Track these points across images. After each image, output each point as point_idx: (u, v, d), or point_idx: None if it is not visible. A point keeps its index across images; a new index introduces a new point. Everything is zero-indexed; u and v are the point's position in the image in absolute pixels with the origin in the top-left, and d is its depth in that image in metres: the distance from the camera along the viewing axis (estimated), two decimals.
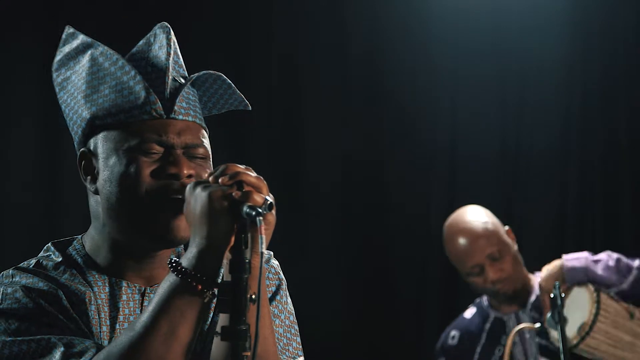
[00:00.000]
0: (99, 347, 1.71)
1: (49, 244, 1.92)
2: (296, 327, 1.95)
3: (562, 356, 3.22)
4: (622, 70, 4.78)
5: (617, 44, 4.79)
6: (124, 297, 1.85)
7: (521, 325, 3.63)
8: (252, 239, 1.62)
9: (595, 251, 4.68)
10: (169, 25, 1.92)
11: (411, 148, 4.95)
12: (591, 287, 3.49)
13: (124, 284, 1.86)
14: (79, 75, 1.89)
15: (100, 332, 1.81)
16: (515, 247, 3.80)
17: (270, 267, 1.95)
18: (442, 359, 3.88)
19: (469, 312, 3.93)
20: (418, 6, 4.91)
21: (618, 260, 3.54)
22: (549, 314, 3.38)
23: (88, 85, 1.87)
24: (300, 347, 1.94)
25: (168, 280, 1.67)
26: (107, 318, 1.83)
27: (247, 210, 1.59)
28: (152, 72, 1.86)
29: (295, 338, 1.94)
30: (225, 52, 4.77)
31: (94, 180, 1.89)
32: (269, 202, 1.63)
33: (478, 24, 4.88)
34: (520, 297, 3.78)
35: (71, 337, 1.72)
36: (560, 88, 4.85)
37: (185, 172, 1.80)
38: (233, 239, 1.63)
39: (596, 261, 3.54)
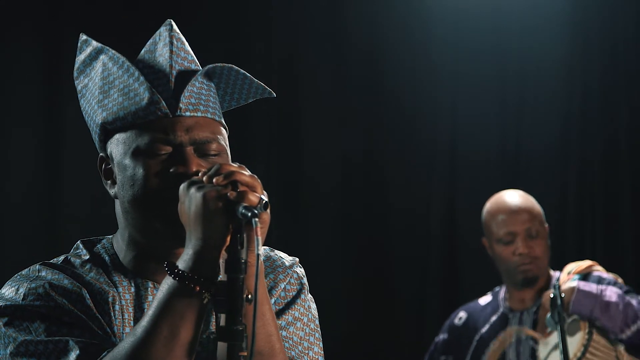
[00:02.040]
0: None
1: (78, 242, 1.91)
2: (319, 334, 1.92)
3: (562, 356, 3.22)
4: (622, 70, 4.78)
5: (617, 44, 4.79)
6: (150, 298, 1.84)
7: (525, 330, 3.63)
8: (248, 239, 1.61)
9: (595, 251, 4.69)
10: (171, 22, 1.91)
11: (411, 148, 4.95)
12: (586, 327, 3.50)
13: (150, 284, 1.85)
14: (94, 81, 1.89)
15: (122, 333, 1.80)
16: (549, 241, 3.82)
17: (293, 273, 1.93)
18: (445, 335, 3.89)
19: (484, 299, 3.92)
20: (418, 6, 4.91)
21: (627, 306, 3.52)
22: (548, 315, 3.38)
23: (100, 91, 1.86)
24: (322, 353, 1.91)
25: (166, 283, 1.66)
26: (131, 319, 1.82)
27: (243, 211, 1.58)
28: (159, 71, 1.84)
29: (317, 343, 1.91)
30: (224, 52, 4.77)
31: (114, 184, 1.86)
32: (264, 202, 1.61)
33: (478, 24, 4.88)
34: (537, 286, 3.77)
35: (89, 340, 1.72)
36: (560, 88, 4.85)
37: (194, 169, 1.78)
38: (229, 239, 1.62)
39: (607, 303, 3.52)
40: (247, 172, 1.66)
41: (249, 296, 1.60)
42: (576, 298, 3.52)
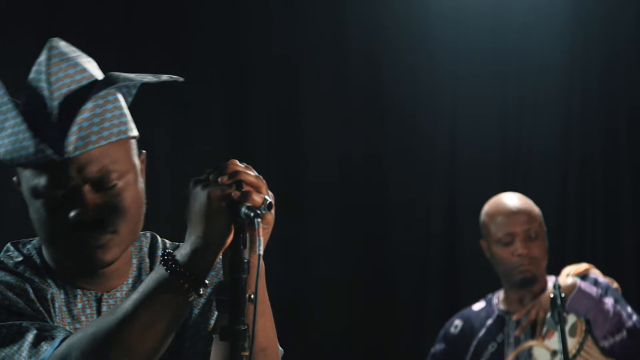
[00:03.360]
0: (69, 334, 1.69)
1: (8, 244, 1.89)
2: None
3: (561, 356, 3.22)
4: (622, 70, 4.78)
5: (617, 44, 4.80)
6: (80, 305, 1.83)
7: (526, 345, 3.64)
8: (251, 239, 1.61)
9: (595, 251, 4.70)
10: (51, 41, 1.84)
11: (411, 148, 4.95)
12: (583, 327, 3.51)
13: (79, 292, 1.84)
14: None
15: None
16: (547, 243, 3.82)
17: None
18: (441, 345, 3.89)
19: (478, 306, 3.92)
20: (418, 6, 4.91)
21: (616, 315, 3.54)
22: (548, 314, 3.39)
23: None
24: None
25: (157, 272, 1.64)
26: (65, 324, 1.80)
27: (246, 211, 1.58)
28: (40, 108, 1.78)
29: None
30: (225, 51, 4.77)
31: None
32: (268, 202, 1.61)
33: (478, 24, 4.88)
34: (534, 288, 3.77)
35: (42, 322, 1.71)
36: (560, 88, 4.85)
37: (90, 213, 1.75)
38: (230, 239, 1.62)
39: (602, 309, 3.53)
40: (253, 173, 1.65)
41: (251, 296, 1.60)
42: (575, 296, 3.53)
